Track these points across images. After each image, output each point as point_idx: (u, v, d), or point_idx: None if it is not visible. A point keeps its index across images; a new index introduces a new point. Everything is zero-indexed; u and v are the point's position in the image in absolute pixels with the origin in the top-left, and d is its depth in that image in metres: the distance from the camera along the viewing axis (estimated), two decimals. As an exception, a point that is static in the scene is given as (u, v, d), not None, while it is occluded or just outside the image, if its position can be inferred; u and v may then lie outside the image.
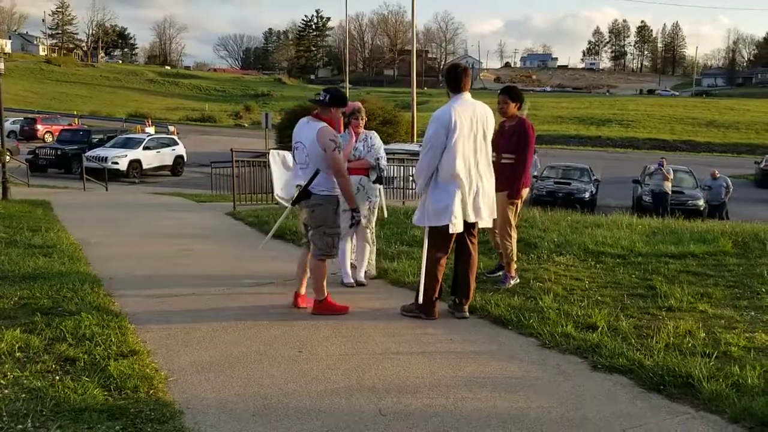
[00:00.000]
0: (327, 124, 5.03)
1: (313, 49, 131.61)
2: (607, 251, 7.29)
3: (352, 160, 6.01)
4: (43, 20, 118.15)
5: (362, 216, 5.82)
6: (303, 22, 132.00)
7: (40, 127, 41.42)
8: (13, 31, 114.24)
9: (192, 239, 8.99)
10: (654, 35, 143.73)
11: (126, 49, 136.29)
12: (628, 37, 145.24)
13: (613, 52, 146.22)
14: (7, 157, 15.42)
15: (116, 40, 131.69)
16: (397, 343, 4.49)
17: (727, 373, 3.71)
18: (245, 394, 3.60)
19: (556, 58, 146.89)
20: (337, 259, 5.78)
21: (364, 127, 6.24)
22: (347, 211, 5.31)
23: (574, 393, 3.66)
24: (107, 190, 19.75)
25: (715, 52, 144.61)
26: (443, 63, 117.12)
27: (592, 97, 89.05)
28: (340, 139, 5.19)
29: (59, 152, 26.04)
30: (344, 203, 5.23)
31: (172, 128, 44.59)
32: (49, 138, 38.60)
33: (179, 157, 28.32)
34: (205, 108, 74.36)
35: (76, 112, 56.43)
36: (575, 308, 5.07)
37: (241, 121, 67.54)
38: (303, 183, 5.05)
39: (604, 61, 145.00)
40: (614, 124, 60.38)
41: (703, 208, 18.85)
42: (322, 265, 5.17)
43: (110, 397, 3.40)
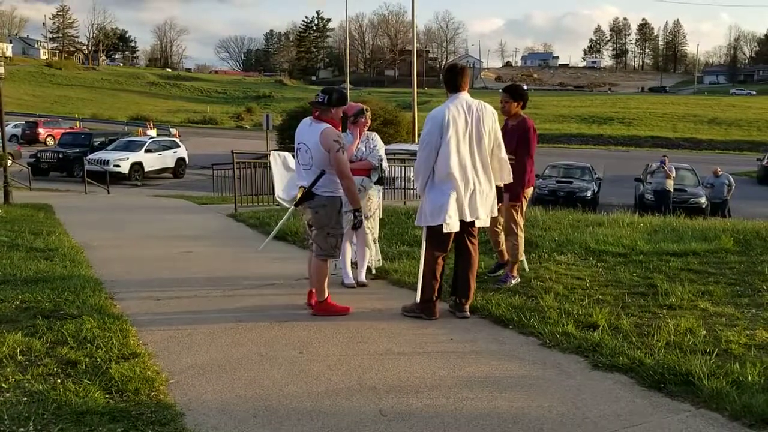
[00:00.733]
0: (330, 126, 5.04)
1: (314, 51, 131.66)
2: (608, 250, 7.28)
3: (354, 161, 6.02)
4: (44, 24, 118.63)
5: (364, 216, 5.84)
6: (303, 23, 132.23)
7: (42, 131, 41.50)
8: (14, 35, 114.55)
9: (193, 241, 9.00)
10: (655, 33, 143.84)
11: (127, 52, 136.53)
12: (629, 35, 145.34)
13: (614, 50, 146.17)
14: (9, 161, 15.47)
15: (117, 43, 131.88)
16: (398, 344, 4.49)
17: (728, 371, 3.71)
18: (246, 395, 3.61)
19: (557, 57, 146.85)
20: (338, 259, 5.79)
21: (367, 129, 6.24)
22: (349, 212, 5.31)
23: (575, 392, 3.66)
24: (109, 193, 19.80)
25: (717, 50, 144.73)
26: (444, 63, 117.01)
27: (594, 96, 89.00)
28: (344, 140, 5.19)
29: (61, 156, 26.13)
30: (347, 204, 5.23)
31: (173, 131, 44.64)
32: (50, 141, 38.71)
33: (181, 160, 28.38)
34: (207, 110, 74.41)
35: (77, 116, 56.50)
36: (576, 307, 5.06)
37: (243, 122, 67.60)
38: (306, 184, 5.04)
39: (606, 60, 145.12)
40: (616, 123, 60.34)
41: (705, 206, 18.83)
42: (324, 265, 5.17)
43: (111, 400, 3.41)
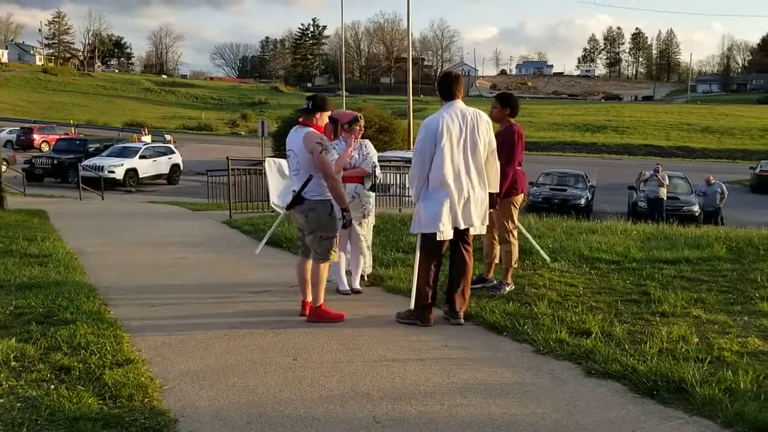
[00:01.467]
0: (313, 129, 5.13)
1: (310, 58, 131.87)
2: (601, 257, 7.32)
3: (347, 168, 6.03)
4: (40, 30, 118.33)
5: (355, 221, 5.87)
6: (299, 30, 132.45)
7: (37, 137, 41.44)
8: (9, 41, 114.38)
9: (188, 248, 8.99)
10: (649, 42, 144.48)
11: (122, 59, 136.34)
12: (623, 44, 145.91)
13: (608, 59, 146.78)
14: (4, 167, 15.43)
15: (112, 50, 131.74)
16: (392, 350, 4.50)
17: (720, 378, 3.73)
18: (240, 402, 3.61)
19: (552, 66, 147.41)
20: (333, 266, 5.79)
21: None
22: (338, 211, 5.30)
23: (568, 399, 3.67)
24: (103, 199, 19.74)
25: (710, 59, 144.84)
26: (439, 71, 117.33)
27: (588, 104, 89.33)
28: (327, 142, 5.23)
29: (55, 161, 26.07)
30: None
31: (168, 137, 44.69)
32: (45, 147, 38.65)
33: (175, 166, 28.35)
34: (202, 117, 74.40)
35: (72, 122, 56.43)
36: (569, 314, 5.08)
37: (238, 129, 67.62)
38: (296, 189, 5.12)
39: (599, 68, 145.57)
40: (609, 131, 60.57)
41: (698, 214, 18.92)
42: (322, 269, 5.19)
43: (105, 406, 3.40)
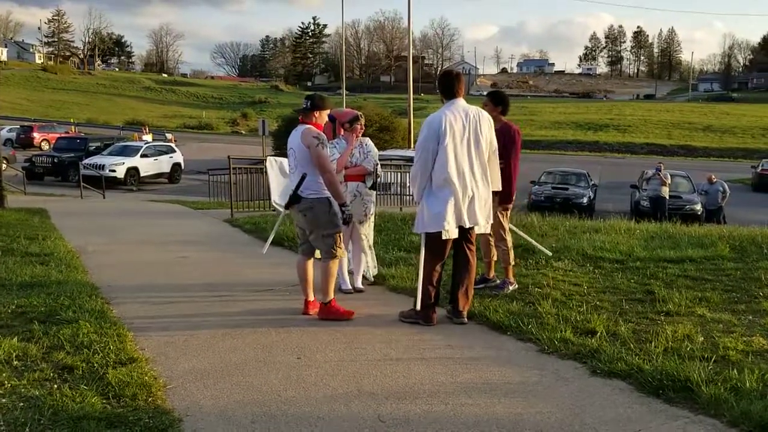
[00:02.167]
0: (311, 125, 5.14)
1: (310, 56, 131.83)
2: (605, 256, 7.30)
3: (349, 167, 6.03)
4: (39, 28, 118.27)
5: (357, 220, 5.88)
6: (299, 29, 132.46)
7: (37, 135, 41.36)
8: (9, 39, 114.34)
9: (190, 246, 8.98)
10: (650, 40, 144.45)
11: (123, 57, 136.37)
12: (624, 42, 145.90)
13: (609, 58, 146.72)
14: (4, 165, 15.42)
15: (113, 48, 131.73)
16: (396, 349, 4.48)
17: (726, 377, 3.71)
18: (244, 401, 3.59)
19: (553, 64, 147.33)
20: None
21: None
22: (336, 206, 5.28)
23: (573, 398, 3.65)
24: (104, 198, 19.73)
25: (711, 57, 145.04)
26: (440, 69, 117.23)
27: (590, 102, 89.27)
28: (325, 138, 5.22)
29: (56, 160, 26.04)
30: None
31: (169, 136, 44.69)
32: (45, 146, 38.55)
33: (176, 165, 28.34)
34: (203, 115, 74.41)
35: (72, 120, 56.41)
36: (574, 313, 5.07)
37: (238, 128, 67.61)
38: (293, 187, 5.13)
39: (601, 67, 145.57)
40: (611, 129, 60.54)
41: (700, 213, 18.90)
42: (330, 267, 5.18)
43: (109, 405, 3.39)
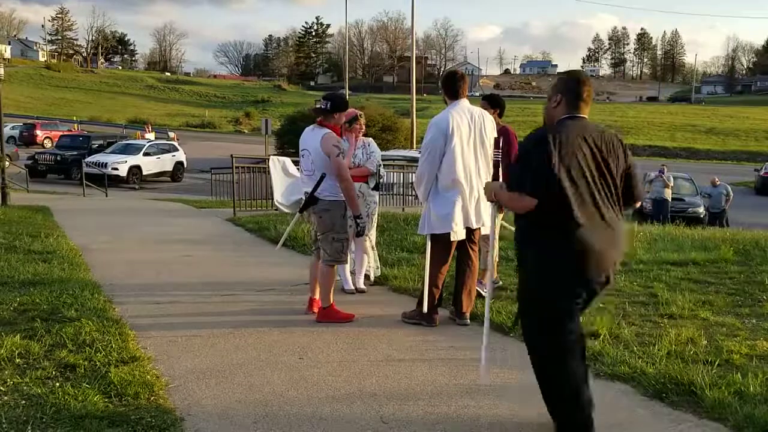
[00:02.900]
0: (331, 131, 5.06)
1: (313, 56, 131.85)
2: (607, 258, 7.26)
3: (351, 168, 6.01)
4: (43, 26, 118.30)
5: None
6: (303, 28, 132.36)
7: (40, 133, 41.37)
8: (12, 37, 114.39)
9: (192, 245, 8.98)
10: (653, 43, 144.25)
11: (126, 56, 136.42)
12: (628, 44, 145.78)
13: (612, 59, 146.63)
14: (7, 163, 15.43)
15: (116, 46, 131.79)
16: (398, 350, 4.47)
17: (730, 381, 3.70)
18: (246, 400, 3.59)
19: (556, 65, 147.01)
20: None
21: (363, 134, 6.25)
22: (350, 218, 5.29)
23: (576, 401, 3.63)
24: (107, 196, 19.75)
25: (715, 60, 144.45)
26: (443, 69, 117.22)
27: (592, 104, 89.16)
28: (345, 145, 5.20)
29: (59, 158, 26.04)
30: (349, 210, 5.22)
31: (172, 134, 44.63)
32: (48, 144, 38.56)
33: (179, 163, 28.33)
34: (205, 114, 74.37)
35: (75, 118, 56.43)
36: (576, 315, 5.04)
37: (241, 127, 67.60)
38: (310, 190, 5.07)
39: (604, 68, 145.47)
40: (614, 131, 60.48)
41: (703, 216, 18.85)
42: (331, 271, 5.16)
43: (111, 404, 3.38)
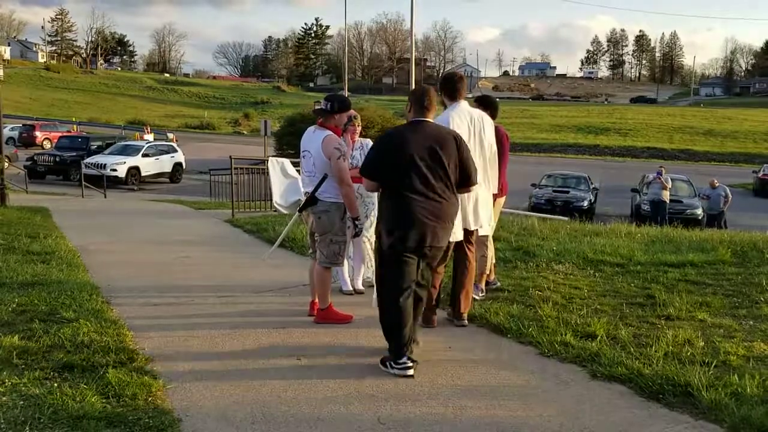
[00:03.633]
0: (332, 133, 5.06)
1: (312, 57, 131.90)
2: (605, 260, 7.29)
3: (350, 168, 6.01)
4: (43, 27, 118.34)
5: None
6: (302, 30, 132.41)
7: (39, 134, 41.38)
8: (12, 38, 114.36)
9: (191, 246, 8.98)
10: (652, 44, 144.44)
11: (125, 57, 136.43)
12: (626, 46, 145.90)
13: (611, 61, 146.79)
14: (6, 164, 15.43)
15: (115, 48, 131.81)
16: (396, 351, 4.47)
17: (726, 382, 3.71)
18: (244, 401, 3.59)
19: (555, 67, 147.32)
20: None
21: (360, 135, 6.25)
22: (349, 219, 5.30)
23: (574, 402, 3.65)
24: (106, 197, 19.74)
25: (713, 62, 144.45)
26: (442, 71, 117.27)
27: (591, 106, 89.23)
28: (346, 148, 5.21)
29: (58, 159, 26.05)
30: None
31: (170, 135, 44.64)
32: (47, 145, 38.54)
33: (178, 164, 28.33)
34: (204, 115, 74.34)
35: (74, 119, 56.41)
36: (574, 317, 5.06)
37: (240, 128, 67.58)
38: (310, 190, 5.08)
39: (603, 70, 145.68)
40: (612, 133, 60.47)
41: (701, 217, 18.88)
42: (327, 273, 5.17)
43: (108, 405, 3.39)
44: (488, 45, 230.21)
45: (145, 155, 26.44)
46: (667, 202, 18.38)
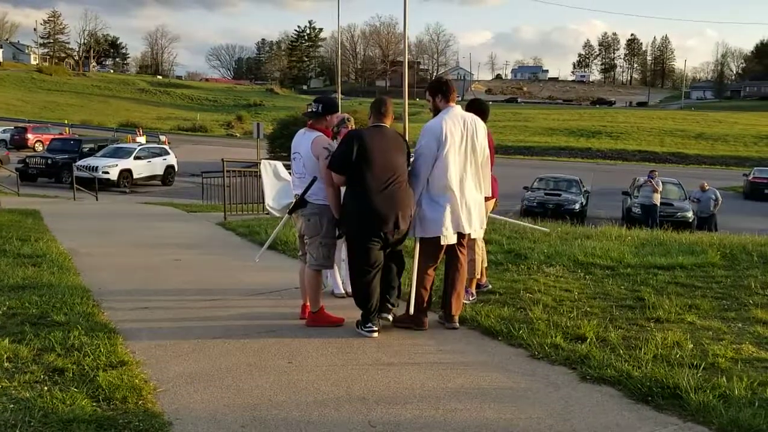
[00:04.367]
0: (322, 134, 5.09)
1: (306, 60, 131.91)
2: (596, 262, 7.33)
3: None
4: (35, 29, 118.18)
5: None
6: (296, 32, 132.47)
7: (31, 136, 41.20)
8: (4, 40, 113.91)
9: (182, 249, 8.97)
10: (643, 48, 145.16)
11: (118, 59, 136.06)
12: (618, 49, 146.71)
13: (603, 65, 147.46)
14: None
15: (108, 50, 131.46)
16: (387, 354, 4.49)
17: (715, 385, 3.74)
18: (235, 405, 3.60)
19: (547, 71, 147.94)
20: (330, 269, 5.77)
21: None
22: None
23: (563, 404, 3.67)
24: (97, 200, 19.67)
25: (704, 66, 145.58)
26: (435, 74, 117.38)
27: (583, 109, 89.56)
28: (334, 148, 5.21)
29: (50, 161, 25.93)
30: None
31: (163, 138, 44.47)
32: (39, 147, 38.38)
33: (170, 167, 28.25)
34: (197, 118, 74.22)
35: (66, 122, 56.18)
36: (564, 319, 5.09)
37: (233, 131, 67.51)
38: (300, 192, 5.08)
39: (594, 74, 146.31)
40: (604, 136, 60.71)
41: (692, 220, 18.97)
42: (317, 275, 5.17)
43: (99, 408, 3.39)
44: (481, 48, 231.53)
45: (137, 158, 26.36)
46: (658, 205, 18.47)
